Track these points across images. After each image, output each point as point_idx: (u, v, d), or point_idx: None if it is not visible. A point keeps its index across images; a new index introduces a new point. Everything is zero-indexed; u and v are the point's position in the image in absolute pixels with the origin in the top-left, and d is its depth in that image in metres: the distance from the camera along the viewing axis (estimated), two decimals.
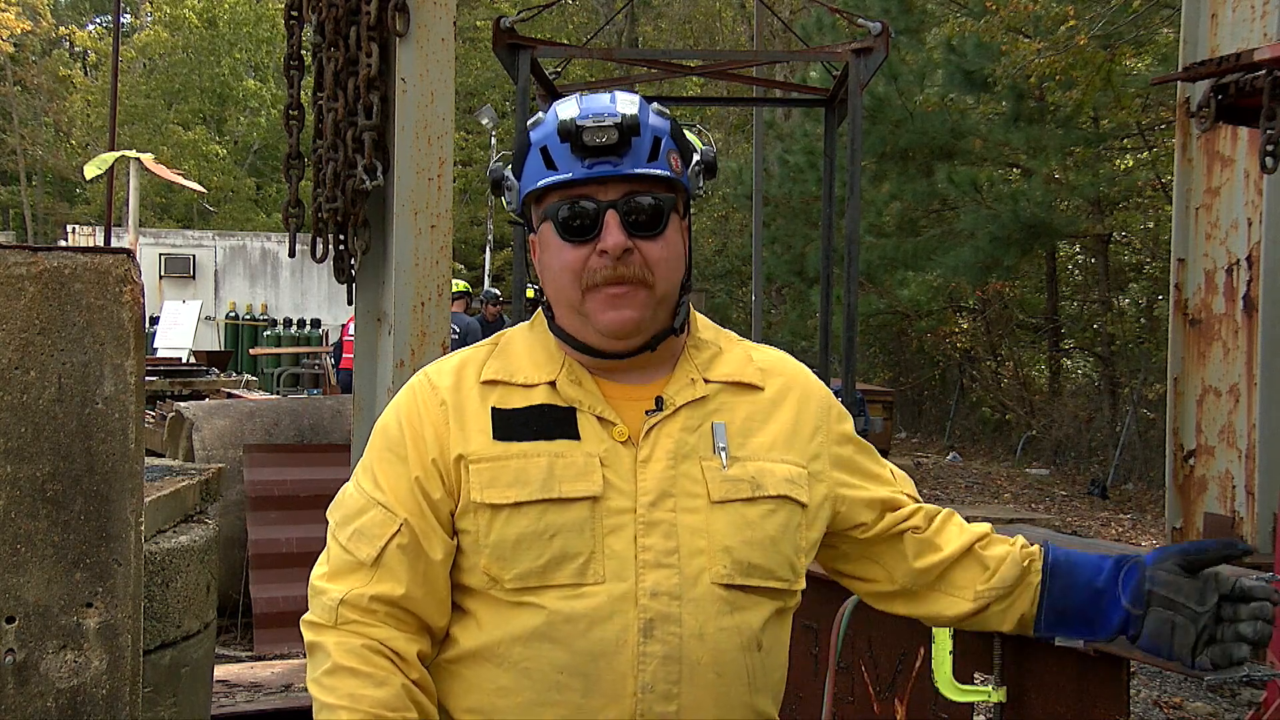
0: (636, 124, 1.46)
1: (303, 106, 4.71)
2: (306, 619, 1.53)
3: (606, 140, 1.45)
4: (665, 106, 1.57)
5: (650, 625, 1.45)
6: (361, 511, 1.53)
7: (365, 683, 1.44)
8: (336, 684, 1.45)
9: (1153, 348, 14.31)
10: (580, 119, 1.46)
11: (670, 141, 1.52)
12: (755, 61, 11.73)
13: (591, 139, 1.45)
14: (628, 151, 1.47)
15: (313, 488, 5.77)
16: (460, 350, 1.65)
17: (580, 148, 1.46)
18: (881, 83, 12.80)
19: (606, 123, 1.45)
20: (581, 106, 1.48)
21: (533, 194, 1.53)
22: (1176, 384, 6.13)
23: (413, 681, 1.48)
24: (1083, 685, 3.18)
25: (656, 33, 29.06)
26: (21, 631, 1.96)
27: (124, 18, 27.32)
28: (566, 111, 1.48)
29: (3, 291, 1.96)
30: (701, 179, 1.59)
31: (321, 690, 1.46)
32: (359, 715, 1.42)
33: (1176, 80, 5.61)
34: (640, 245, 1.49)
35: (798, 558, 1.55)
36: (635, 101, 1.50)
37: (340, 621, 1.48)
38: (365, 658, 1.46)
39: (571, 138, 1.46)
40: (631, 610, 1.46)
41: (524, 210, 1.58)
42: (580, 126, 1.45)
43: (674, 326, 1.57)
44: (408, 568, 1.50)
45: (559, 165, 1.49)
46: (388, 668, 1.46)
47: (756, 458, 1.54)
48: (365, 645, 1.47)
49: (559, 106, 1.51)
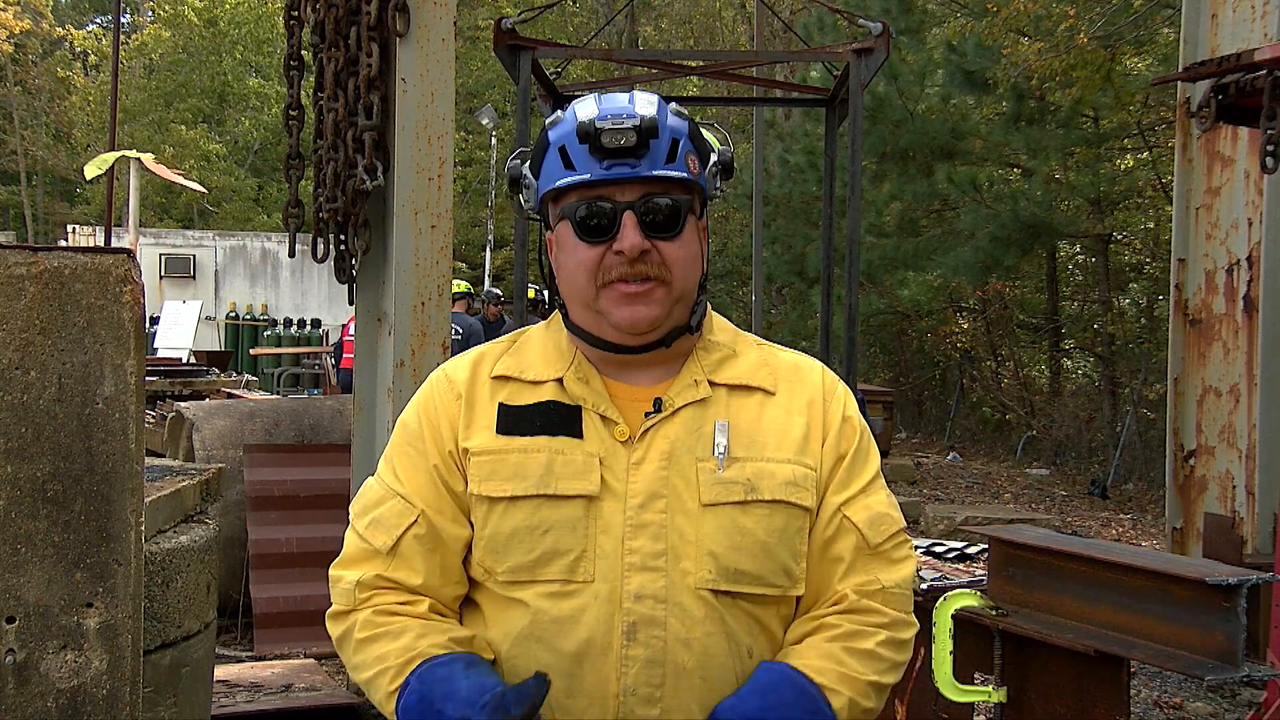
0: (655, 126, 1.46)
1: (303, 106, 4.71)
2: (329, 612, 1.57)
3: (625, 142, 1.45)
4: (681, 107, 1.57)
5: (633, 629, 1.45)
6: (380, 502, 1.57)
7: (384, 641, 1.49)
8: (364, 658, 1.50)
9: (1153, 348, 14.31)
10: (599, 120, 1.46)
11: (688, 143, 1.52)
12: (756, 61, 11.73)
13: (610, 141, 1.45)
14: (646, 153, 1.47)
15: (313, 488, 5.78)
16: (481, 345, 1.67)
17: (599, 149, 1.46)
18: (882, 83, 12.80)
19: (625, 124, 1.45)
20: (601, 107, 1.48)
21: (550, 193, 1.53)
22: (1177, 384, 6.14)
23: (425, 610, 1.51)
24: (1083, 685, 3.18)
25: (657, 33, 29.06)
26: (22, 631, 1.96)
27: (124, 17, 27.34)
28: (585, 112, 1.48)
29: (3, 292, 1.96)
30: (719, 179, 1.59)
31: (357, 671, 1.52)
32: (391, 671, 1.46)
33: (1177, 80, 5.61)
34: (658, 246, 1.49)
35: (795, 563, 1.52)
36: (654, 103, 1.50)
37: (359, 602, 1.53)
38: (376, 623, 1.50)
39: (590, 139, 1.46)
40: (615, 613, 1.46)
41: (541, 208, 1.59)
42: (599, 128, 1.45)
43: (690, 324, 1.57)
44: (424, 558, 1.53)
45: (577, 166, 1.49)
46: (400, 620, 1.50)
47: (759, 460, 1.52)
48: (375, 612, 1.51)
49: (578, 106, 1.51)
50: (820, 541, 1.54)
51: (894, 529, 1.57)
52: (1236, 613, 2.86)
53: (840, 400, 1.61)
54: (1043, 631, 3.22)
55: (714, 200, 1.62)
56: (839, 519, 1.54)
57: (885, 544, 1.55)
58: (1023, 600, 3.39)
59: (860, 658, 1.49)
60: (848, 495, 1.56)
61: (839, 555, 1.54)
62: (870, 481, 1.58)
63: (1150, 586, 3.08)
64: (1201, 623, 2.94)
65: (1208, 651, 2.92)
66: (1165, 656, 3.00)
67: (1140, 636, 3.08)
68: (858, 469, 1.58)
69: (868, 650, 1.50)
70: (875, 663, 1.51)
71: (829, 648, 1.50)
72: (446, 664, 1.43)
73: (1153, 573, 3.09)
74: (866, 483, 1.58)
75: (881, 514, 1.56)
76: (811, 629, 1.53)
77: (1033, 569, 3.38)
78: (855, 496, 1.56)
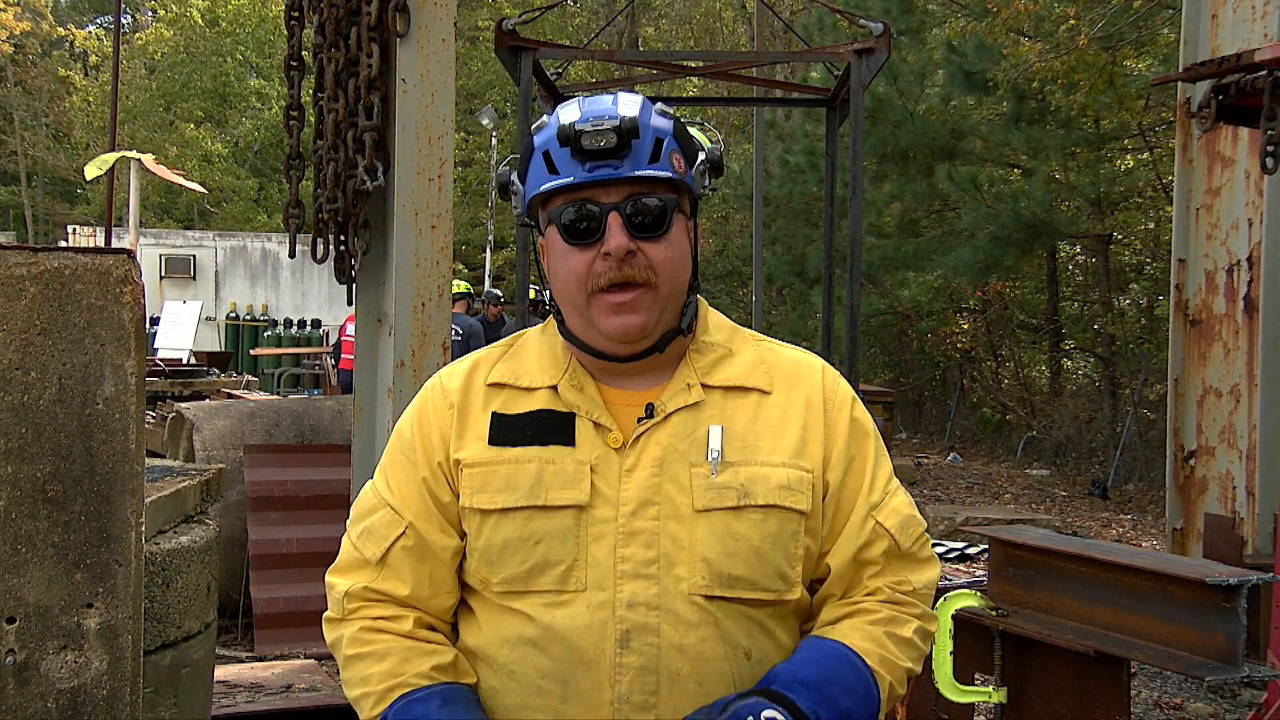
0: (636, 126, 1.46)
1: (303, 107, 4.71)
2: (325, 616, 1.60)
3: (605, 144, 1.45)
4: (667, 107, 1.56)
5: (627, 636, 1.45)
6: (372, 511, 1.59)
7: (369, 662, 1.51)
8: (351, 675, 1.53)
9: (1153, 348, 14.30)
10: (580, 123, 1.46)
11: (673, 142, 1.51)
12: (756, 62, 11.71)
13: (591, 143, 1.45)
14: (628, 154, 1.47)
15: (313, 488, 5.78)
16: (479, 350, 1.67)
17: (580, 151, 1.46)
18: (882, 83, 12.79)
19: (605, 126, 1.44)
20: (583, 110, 1.48)
21: (538, 198, 1.53)
22: (1177, 384, 6.14)
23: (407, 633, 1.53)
24: (1083, 686, 3.18)
25: (657, 33, 29.06)
26: (22, 632, 1.96)
27: (124, 17, 27.34)
28: (567, 115, 1.48)
29: (3, 292, 1.96)
30: (707, 178, 1.58)
31: (346, 687, 1.55)
32: (373, 698, 1.49)
33: (1177, 81, 5.61)
34: (644, 247, 1.48)
35: (791, 567, 1.52)
36: (636, 103, 1.49)
37: (347, 613, 1.56)
38: (364, 640, 1.53)
39: (571, 142, 1.46)
40: (609, 621, 1.46)
41: (531, 214, 1.59)
42: (579, 130, 1.45)
43: (681, 327, 1.56)
44: (412, 569, 1.55)
45: (560, 169, 1.49)
46: (385, 639, 1.52)
47: (753, 463, 1.51)
48: (363, 627, 1.54)
49: (561, 110, 1.50)
50: (852, 547, 1.56)
51: (920, 530, 1.60)
52: (1236, 613, 2.86)
53: (846, 402, 1.60)
54: (1043, 632, 3.22)
55: (705, 199, 1.61)
56: (871, 524, 1.56)
57: (914, 546, 1.59)
58: (1023, 600, 3.39)
59: (900, 644, 1.53)
60: (876, 500, 1.57)
61: (871, 559, 1.56)
62: (889, 480, 1.60)
63: (1150, 587, 3.08)
64: (1202, 623, 2.95)
65: (1208, 652, 2.93)
66: (1165, 657, 3.00)
67: (1140, 637, 3.08)
68: (879, 470, 1.59)
69: (906, 638, 1.54)
70: (911, 650, 1.55)
71: (873, 631, 1.52)
72: (424, 700, 1.46)
73: (1153, 573, 3.09)
74: (886, 481, 1.59)
75: (908, 516, 1.59)
76: (849, 612, 1.55)
77: (1033, 569, 3.39)
78: (883, 501, 1.58)
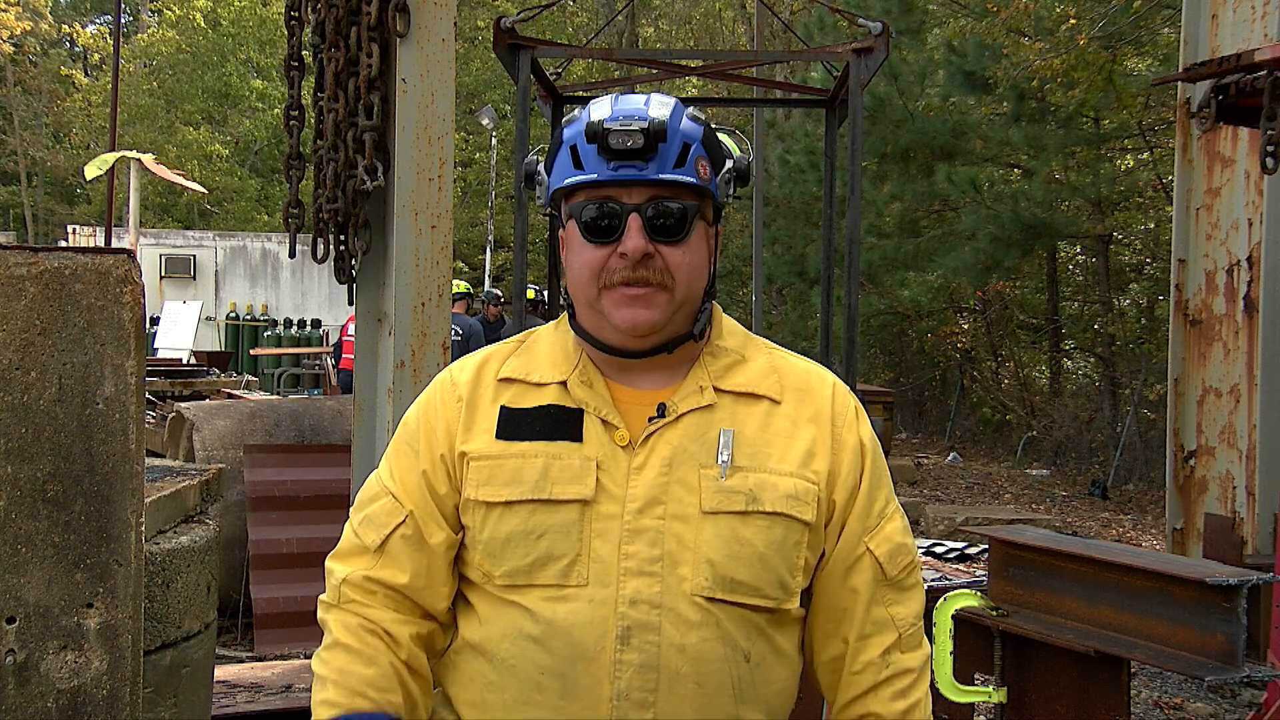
0: (664, 129, 1.46)
1: (303, 107, 4.71)
2: (320, 598, 1.61)
3: (632, 144, 1.45)
4: (699, 112, 1.56)
5: (627, 633, 1.46)
6: (374, 499, 1.61)
7: (356, 660, 1.52)
8: (331, 658, 1.54)
9: (1153, 348, 14.31)
10: (609, 121, 1.46)
11: (700, 148, 1.51)
12: (756, 62, 11.71)
13: (618, 142, 1.45)
14: (654, 156, 1.47)
15: (313, 488, 5.78)
16: (491, 345, 1.68)
17: (606, 149, 1.46)
18: (882, 83, 12.80)
19: (633, 126, 1.45)
20: (614, 108, 1.48)
21: (561, 191, 1.54)
22: (1177, 384, 6.14)
23: (403, 662, 1.54)
24: (1083, 686, 3.18)
25: (657, 33, 29.07)
26: (22, 632, 1.96)
27: (124, 17, 27.34)
28: (598, 112, 1.49)
29: (3, 292, 1.96)
30: (733, 187, 1.58)
31: (318, 663, 1.55)
32: (343, 691, 1.51)
33: (1177, 81, 5.61)
34: (662, 250, 1.49)
35: (791, 576, 1.52)
36: (668, 106, 1.50)
37: (343, 600, 1.57)
38: (360, 636, 1.54)
39: (598, 139, 1.46)
40: (610, 617, 1.46)
41: (554, 206, 1.59)
42: (607, 129, 1.45)
43: (693, 332, 1.56)
44: (410, 558, 1.56)
45: (585, 165, 1.49)
46: (379, 647, 1.53)
47: (762, 470, 1.51)
48: (361, 624, 1.54)
49: (593, 106, 1.51)
50: (840, 569, 1.58)
51: (909, 559, 1.61)
52: (1237, 613, 2.86)
53: (855, 422, 1.60)
54: (1043, 632, 3.22)
55: (727, 207, 1.61)
56: (861, 549, 1.57)
57: (900, 575, 1.60)
58: (1023, 601, 3.39)
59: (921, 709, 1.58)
60: (869, 525, 1.58)
61: (856, 586, 1.58)
62: (886, 504, 1.61)
63: (1150, 587, 3.08)
64: (1202, 623, 2.94)
65: (1208, 652, 2.92)
66: (1165, 657, 3.00)
67: (1140, 637, 3.08)
68: (878, 494, 1.60)
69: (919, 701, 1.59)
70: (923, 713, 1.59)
71: None
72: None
73: (1153, 573, 3.09)
74: (883, 505, 1.60)
75: (899, 545, 1.60)
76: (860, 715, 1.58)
77: (1033, 569, 3.38)
78: (877, 526, 1.58)
